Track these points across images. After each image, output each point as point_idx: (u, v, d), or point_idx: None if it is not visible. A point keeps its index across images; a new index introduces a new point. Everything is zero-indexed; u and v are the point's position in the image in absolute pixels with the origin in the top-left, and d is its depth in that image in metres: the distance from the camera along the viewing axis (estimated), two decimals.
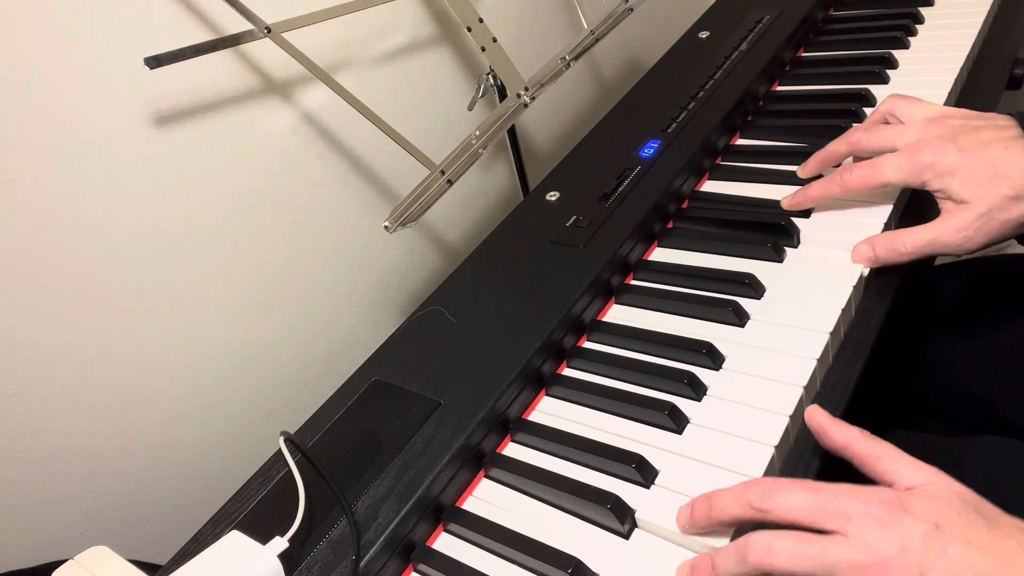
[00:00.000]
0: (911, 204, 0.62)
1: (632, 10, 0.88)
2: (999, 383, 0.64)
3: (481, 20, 0.75)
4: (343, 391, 0.57)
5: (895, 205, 0.60)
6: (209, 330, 0.70)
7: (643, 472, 0.47)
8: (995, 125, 0.53)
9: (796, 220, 0.61)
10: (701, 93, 0.76)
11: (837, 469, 0.45)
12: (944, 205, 0.54)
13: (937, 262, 0.76)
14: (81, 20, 0.57)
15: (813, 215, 0.62)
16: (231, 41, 0.60)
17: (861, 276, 0.55)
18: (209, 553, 0.44)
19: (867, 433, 0.43)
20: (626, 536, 0.45)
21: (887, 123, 0.59)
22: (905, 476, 0.40)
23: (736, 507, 0.41)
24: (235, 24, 0.61)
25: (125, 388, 0.65)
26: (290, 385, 0.79)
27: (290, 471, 0.51)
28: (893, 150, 0.55)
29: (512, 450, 0.53)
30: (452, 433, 0.50)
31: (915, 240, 0.54)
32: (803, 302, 0.54)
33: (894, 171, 0.54)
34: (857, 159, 0.60)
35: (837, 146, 0.60)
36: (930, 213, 0.55)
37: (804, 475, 0.47)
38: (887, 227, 0.59)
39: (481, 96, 0.78)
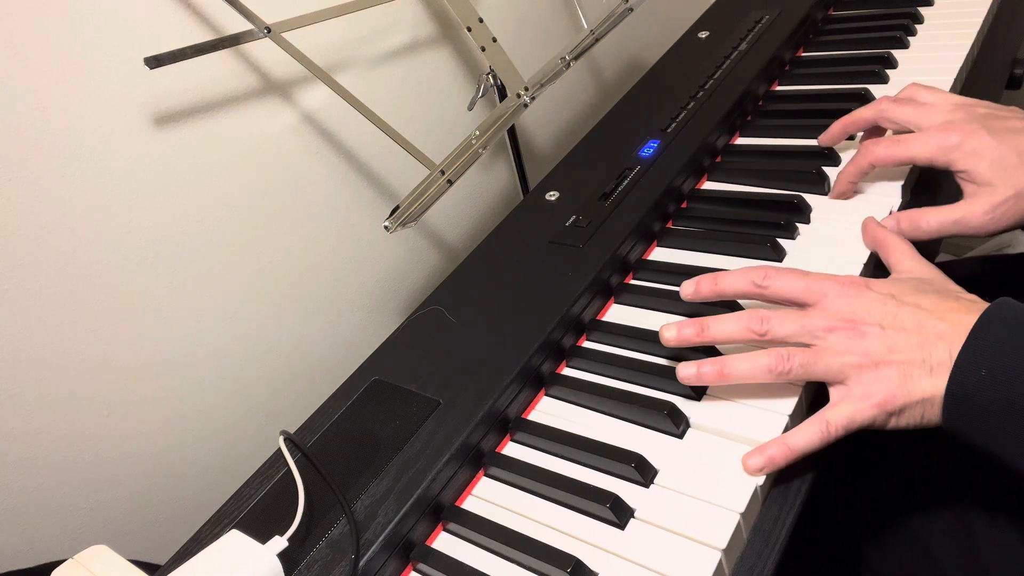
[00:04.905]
0: (914, 200, 0.62)
1: (632, 10, 0.88)
2: None
3: (481, 20, 0.75)
4: (343, 390, 0.57)
5: (902, 197, 0.60)
6: (209, 330, 0.70)
7: (642, 471, 0.47)
8: (1020, 116, 0.55)
9: (797, 221, 0.61)
10: (701, 93, 0.76)
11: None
12: (966, 188, 0.54)
13: (937, 261, 0.76)
14: (81, 20, 0.57)
15: (811, 216, 0.61)
16: (231, 41, 0.60)
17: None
18: (208, 552, 0.44)
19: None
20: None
21: None
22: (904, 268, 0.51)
23: (740, 284, 0.48)
24: (235, 24, 0.61)
25: (124, 389, 0.66)
26: (290, 385, 0.79)
27: (290, 470, 0.51)
28: (917, 128, 0.56)
29: (511, 449, 0.53)
30: (451, 432, 0.50)
31: (940, 218, 0.54)
32: None
33: (922, 147, 0.55)
34: (874, 134, 0.61)
35: (863, 112, 0.61)
36: (939, 201, 0.55)
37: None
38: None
39: (481, 96, 0.78)
